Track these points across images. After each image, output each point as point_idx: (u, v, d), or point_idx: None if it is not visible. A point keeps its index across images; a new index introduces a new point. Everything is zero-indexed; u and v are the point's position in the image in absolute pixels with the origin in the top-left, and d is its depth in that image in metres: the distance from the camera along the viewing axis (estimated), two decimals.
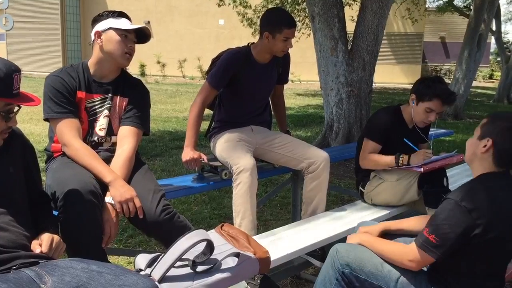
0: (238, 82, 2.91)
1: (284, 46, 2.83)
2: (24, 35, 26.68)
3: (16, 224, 1.64)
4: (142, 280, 1.46)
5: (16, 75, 1.62)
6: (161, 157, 6.29)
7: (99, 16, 2.31)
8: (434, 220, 1.72)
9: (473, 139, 1.84)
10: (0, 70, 1.58)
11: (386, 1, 5.93)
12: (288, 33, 2.79)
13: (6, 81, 1.59)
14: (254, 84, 2.95)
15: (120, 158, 2.19)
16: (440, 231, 1.69)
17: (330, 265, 1.97)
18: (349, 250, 1.96)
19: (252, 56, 2.92)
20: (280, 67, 3.09)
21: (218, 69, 2.88)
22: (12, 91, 1.61)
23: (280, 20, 2.79)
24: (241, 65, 2.88)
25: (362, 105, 6.21)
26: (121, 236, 3.60)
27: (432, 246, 1.70)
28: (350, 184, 5.17)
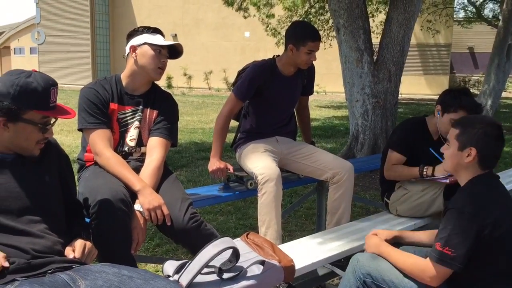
0: (263, 93, 2.96)
1: (308, 58, 2.87)
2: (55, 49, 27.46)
3: (51, 231, 1.71)
4: (170, 285, 1.51)
5: (53, 89, 1.71)
6: (187, 168, 6.38)
7: (134, 31, 2.40)
8: (443, 233, 1.74)
9: (451, 150, 1.90)
10: (38, 85, 1.66)
11: (412, 12, 5.92)
12: (312, 46, 2.83)
13: (44, 94, 1.68)
14: (279, 95, 3.00)
15: (149, 168, 2.27)
16: (452, 242, 1.70)
17: (352, 273, 1.99)
18: (369, 259, 1.98)
19: (277, 68, 2.97)
20: (305, 78, 3.13)
21: (244, 81, 2.94)
22: (49, 104, 1.70)
23: (304, 33, 2.84)
24: (266, 77, 2.93)
25: (388, 116, 6.19)
26: (149, 244, 3.67)
27: (450, 259, 1.70)
28: (375, 196, 5.14)
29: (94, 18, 26.30)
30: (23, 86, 1.65)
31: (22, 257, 1.59)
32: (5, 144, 1.71)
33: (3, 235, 1.62)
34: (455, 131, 1.91)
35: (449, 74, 23.39)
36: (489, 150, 1.83)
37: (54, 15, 27.10)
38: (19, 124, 1.67)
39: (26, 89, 1.65)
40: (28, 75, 1.68)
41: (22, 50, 32.34)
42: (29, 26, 30.39)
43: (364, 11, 6.02)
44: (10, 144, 1.71)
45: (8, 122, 1.66)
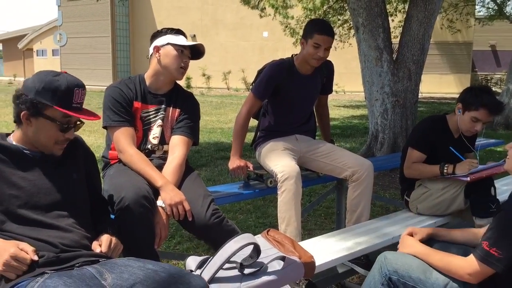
0: (281, 92, 2.99)
1: (315, 53, 2.84)
2: (77, 50, 27.92)
3: (78, 226, 1.77)
4: (194, 279, 1.55)
5: (78, 89, 1.76)
6: (207, 167, 6.43)
7: (158, 32, 2.47)
8: (493, 233, 1.71)
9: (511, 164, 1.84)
10: (62, 83, 1.73)
11: (432, 10, 5.88)
12: (318, 39, 2.82)
13: (66, 93, 1.74)
14: (297, 94, 3.02)
15: (171, 165, 2.32)
16: (501, 243, 1.68)
17: (377, 270, 1.99)
18: (397, 257, 1.97)
19: (294, 67, 2.99)
20: (324, 77, 3.14)
21: (262, 80, 2.97)
22: (71, 103, 1.75)
23: (312, 26, 2.87)
24: (284, 76, 2.95)
25: (407, 115, 6.15)
26: (170, 242, 3.73)
27: (496, 260, 1.68)
28: (395, 195, 5.12)
29: (114, 20, 26.65)
30: (47, 83, 1.72)
31: (51, 250, 1.65)
32: (30, 141, 1.78)
33: (32, 229, 1.68)
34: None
35: (471, 72, 23.06)
36: None
37: (75, 17, 27.55)
38: (40, 120, 1.73)
39: (50, 86, 1.72)
40: (57, 75, 1.75)
41: (45, 52, 32.94)
42: (51, 29, 30.94)
43: (383, 9, 5.99)
44: (34, 141, 1.77)
45: (31, 117, 1.73)
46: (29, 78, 1.78)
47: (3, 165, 1.72)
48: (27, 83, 1.75)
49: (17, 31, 37.18)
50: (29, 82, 1.75)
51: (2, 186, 1.69)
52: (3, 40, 39.44)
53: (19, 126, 1.78)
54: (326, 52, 2.88)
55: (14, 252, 1.56)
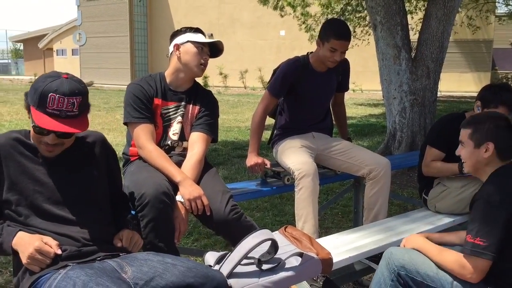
0: (297, 90, 3.00)
1: (331, 56, 2.85)
2: (96, 50, 28.24)
3: (99, 222, 1.81)
4: (212, 273, 1.58)
5: (54, 95, 1.66)
6: (224, 166, 6.47)
7: (177, 31, 2.52)
8: (473, 224, 1.77)
9: (468, 150, 1.97)
10: (42, 86, 1.68)
11: (451, 7, 5.81)
12: (335, 44, 2.82)
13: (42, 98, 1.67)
14: (312, 92, 3.02)
15: (191, 161, 2.36)
16: (482, 231, 1.73)
17: (385, 267, 2.00)
18: (403, 252, 1.99)
19: (310, 64, 3.00)
20: (339, 75, 3.14)
21: (277, 78, 2.99)
22: (46, 108, 1.67)
23: (330, 30, 2.85)
24: (299, 74, 2.96)
25: (426, 113, 6.09)
26: (187, 239, 3.76)
27: (482, 248, 1.72)
28: (413, 194, 5.08)
29: (132, 19, 26.90)
30: (35, 83, 1.72)
31: (73, 245, 1.69)
32: None
33: (55, 224, 1.72)
34: (467, 131, 1.98)
35: (491, 70, 22.70)
36: (504, 141, 1.92)
37: (94, 17, 27.87)
38: (32, 120, 1.72)
39: (33, 87, 1.72)
40: (54, 77, 1.70)
41: (64, 52, 33.38)
42: (71, 28, 31.33)
43: (402, 7, 5.95)
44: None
45: (28, 113, 1.75)
46: None
47: (27, 161, 1.76)
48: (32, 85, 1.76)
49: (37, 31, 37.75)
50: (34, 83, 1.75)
51: (26, 182, 1.74)
52: (24, 40, 40.09)
53: None
54: (342, 54, 2.88)
55: (39, 245, 1.61)
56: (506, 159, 1.93)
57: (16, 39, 42.48)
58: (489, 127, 1.93)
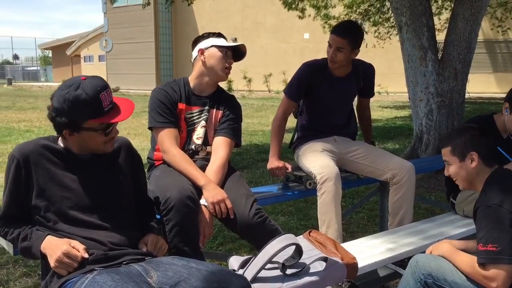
0: (314, 93, 2.98)
1: (327, 52, 2.87)
2: (122, 56, 28.69)
3: (125, 226, 1.84)
4: (236, 278, 1.57)
5: (103, 94, 1.74)
6: (248, 169, 6.48)
7: (200, 37, 2.55)
8: (481, 233, 1.76)
9: (454, 167, 1.98)
10: (87, 95, 1.71)
11: (479, 7, 5.70)
12: (330, 38, 2.86)
13: (95, 103, 1.73)
14: (330, 96, 2.99)
15: (215, 165, 2.37)
16: (492, 237, 1.71)
17: (411, 275, 1.96)
18: (430, 259, 1.95)
19: (328, 68, 2.97)
20: (360, 80, 3.08)
21: (293, 81, 2.99)
22: (103, 109, 1.75)
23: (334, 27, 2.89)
24: (316, 77, 2.94)
25: (454, 116, 5.97)
26: (212, 243, 3.78)
27: (496, 254, 1.69)
28: (441, 197, 4.98)
29: (158, 25, 27.26)
30: (73, 101, 1.71)
31: (100, 249, 1.72)
32: (77, 147, 1.84)
33: (82, 229, 1.75)
34: (447, 150, 2.00)
35: None
36: (485, 147, 1.95)
37: (120, 23, 28.34)
38: (82, 133, 1.77)
39: (77, 103, 1.71)
40: (77, 87, 1.73)
41: (91, 58, 34.06)
42: (98, 35, 31.94)
43: (428, 7, 5.86)
44: (81, 148, 1.84)
45: (73, 132, 1.77)
46: (54, 96, 1.78)
47: (55, 167, 1.80)
48: (54, 105, 1.76)
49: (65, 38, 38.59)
50: (55, 103, 1.75)
51: (54, 188, 1.77)
52: (52, 47, 41.02)
53: (63, 138, 1.83)
54: (338, 53, 2.83)
55: (67, 249, 1.64)
56: (492, 165, 1.96)
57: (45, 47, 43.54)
58: (466, 138, 1.96)
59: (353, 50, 2.87)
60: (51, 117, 1.78)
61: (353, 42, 2.83)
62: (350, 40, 2.82)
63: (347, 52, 2.85)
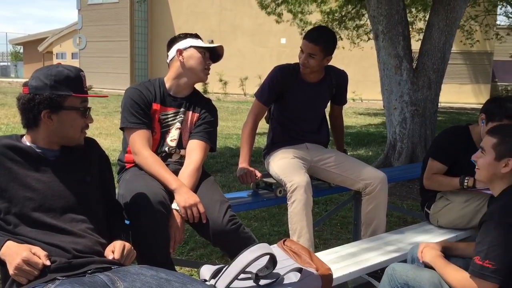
0: (285, 98, 2.94)
1: (299, 57, 2.84)
2: (96, 54, 28.20)
3: (91, 231, 1.74)
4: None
5: (83, 74, 1.79)
6: (222, 173, 6.40)
7: (177, 37, 2.49)
8: (482, 246, 1.70)
9: (487, 159, 1.88)
10: (70, 71, 1.75)
11: (453, 18, 5.79)
12: (301, 43, 2.83)
13: (77, 79, 1.75)
14: (301, 101, 2.94)
15: (188, 168, 2.30)
16: (492, 254, 1.66)
17: (388, 283, 1.94)
18: (407, 269, 1.93)
19: (299, 73, 2.92)
20: (333, 87, 3.04)
21: (265, 84, 2.95)
22: (83, 88, 1.77)
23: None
24: (288, 81, 2.90)
25: (427, 124, 6.05)
26: (183, 248, 3.69)
27: (491, 272, 1.65)
28: (413, 206, 5.02)
29: (133, 24, 26.91)
30: (57, 75, 1.72)
31: (63, 256, 1.62)
32: (51, 138, 1.76)
33: (45, 233, 1.66)
34: (492, 140, 1.89)
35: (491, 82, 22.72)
36: None
37: (95, 21, 27.86)
38: (62, 113, 1.73)
39: (60, 77, 1.72)
40: (57, 67, 1.76)
41: (64, 55, 33.36)
42: (71, 32, 31.32)
43: (404, 17, 5.92)
44: (56, 137, 1.76)
45: (52, 114, 1.71)
46: (30, 79, 1.75)
47: (18, 166, 1.70)
48: (32, 84, 1.72)
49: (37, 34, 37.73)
50: (34, 82, 1.72)
51: (17, 188, 1.67)
52: (24, 43, 40.07)
53: (34, 128, 1.76)
54: (310, 59, 2.79)
55: (27, 256, 1.54)
56: None
57: (16, 42, 42.49)
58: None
59: (326, 57, 2.83)
60: (28, 100, 1.71)
61: (325, 49, 2.79)
62: (323, 47, 2.78)
63: (319, 59, 2.80)
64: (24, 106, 1.72)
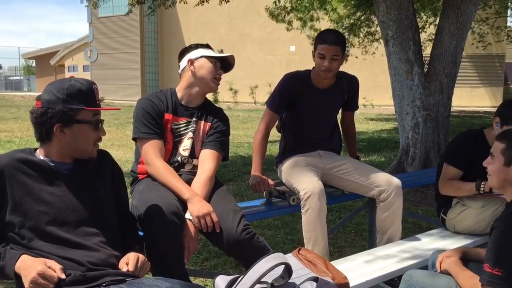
0: (296, 106, 2.91)
1: (320, 63, 2.77)
2: (107, 66, 28.50)
3: (105, 244, 1.74)
4: None
5: (95, 87, 1.80)
6: (234, 182, 6.39)
7: (188, 48, 2.51)
8: (491, 253, 1.67)
9: (496, 165, 1.87)
10: (82, 85, 1.75)
11: (464, 22, 5.75)
12: (321, 49, 2.75)
13: (89, 92, 1.76)
14: (313, 108, 2.92)
15: (201, 178, 2.30)
16: (501, 262, 1.63)
17: None
18: (424, 275, 1.91)
19: (310, 80, 2.91)
20: (345, 93, 3.01)
21: (275, 92, 2.93)
22: (96, 101, 1.78)
23: (317, 37, 2.82)
24: (298, 88, 2.88)
25: (440, 129, 6.00)
26: (197, 258, 3.68)
27: (500, 279, 1.62)
28: (428, 211, 4.96)
29: (143, 36, 27.17)
30: (69, 89, 1.72)
31: (78, 269, 1.62)
32: (64, 152, 1.77)
33: (60, 247, 1.66)
34: (500, 145, 1.87)
35: (503, 85, 22.50)
36: None
37: (105, 33, 28.18)
38: (74, 127, 1.73)
39: (72, 90, 1.73)
40: (70, 80, 1.77)
41: (76, 68, 33.75)
42: (82, 45, 31.69)
43: (414, 21, 5.89)
44: (69, 150, 1.77)
45: (64, 127, 1.72)
46: (43, 93, 1.76)
47: (32, 180, 1.71)
48: (45, 98, 1.73)
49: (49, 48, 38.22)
50: (46, 96, 1.73)
51: (31, 202, 1.68)
52: (36, 57, 40.60)
53: (47, 142, 1.76)
54: (333, 62, 2.76)
55: (42, 269, 1.54)
56: None
57: (28, 56, 43.08)
58: None
59: (343, 57, 2.84)
60: (41, 114, 1.71)
61: (344, 49, 2.81)
62: (342, 47, 2.79)
63: (341, 60, 2.81)
64: (37, 119, 1.73)
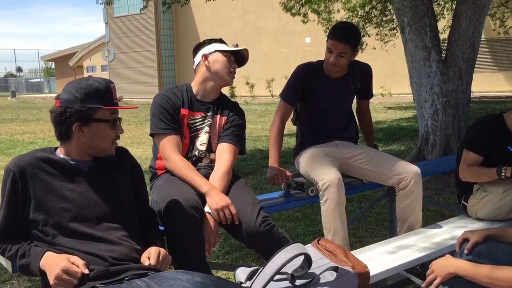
0: (310, 96, 2.91)
1: (327, 57, 2.79)
2: (124, 65, 28.74)
3: (127, 239, 1.77)
4: None
5: (113, 86, 1.82)
6: (253, 175, 6.41)
7: (202, 43, 2.54)
8: None
9: None
10: (100, 84, 1.78)
11: (481, 6, 5.63)
12: (329, 44, 2.76)
13: (107, 91, 1.78)
14: (326, 98, 2.91)
15: (219, 172, 2.32)
16: None
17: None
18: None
19: (323, 70, 2.90)
20: (358, 81, 3.00)
21: (288, 84, 2.94)
22: (113, 100, 1.80)
23: (330, 30, 2.82)
24: (311, 79, 2.88)
25: (460, 115, 5.90)
26: (219, 252, 3.71)
27: None
28: (449, 199, 4.90)
29: (159, 34, 27.30)
30: (87, 88, 1.75)
31: (101, 264, 1.65)
32: (83, 150, 1.81)
33: (83, 242, 1.69)
34: None
35: None
36: None
37: (122, 33, 28.39)
38: (93, 126, 1.77)
39: (90, 90, 1.75)
40: (87, 80, 1.79)
41: (94, 68, 34.14)
42: (100, 45, 32.00)
43: (430, 7, 5.80)
44: (88, 148, 1.80)
45: (83, 126, 1.75)
46: (62, 93, 1.79)
47: (53, 178, 1.74)
48: (64, 97, 1.77)
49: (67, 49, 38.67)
50: (65, 95, 1.77)
51: (53, 200, 1.72)
52: (55, 59, 41.14)
53: (66, 141, 1.80)
54: (340, 58, 2.75)
55: (66, 265, 1.58)
56: None
57: (47, 58, 43.69)
58: None
59: (353, 53, 2.82)
60: (60, 113, 1.75)
61: (354, 46, 2.78)
62: (352, 45, 2.76)
63: (349, 56, 2.79)
64: (57, 119, 1.77)
